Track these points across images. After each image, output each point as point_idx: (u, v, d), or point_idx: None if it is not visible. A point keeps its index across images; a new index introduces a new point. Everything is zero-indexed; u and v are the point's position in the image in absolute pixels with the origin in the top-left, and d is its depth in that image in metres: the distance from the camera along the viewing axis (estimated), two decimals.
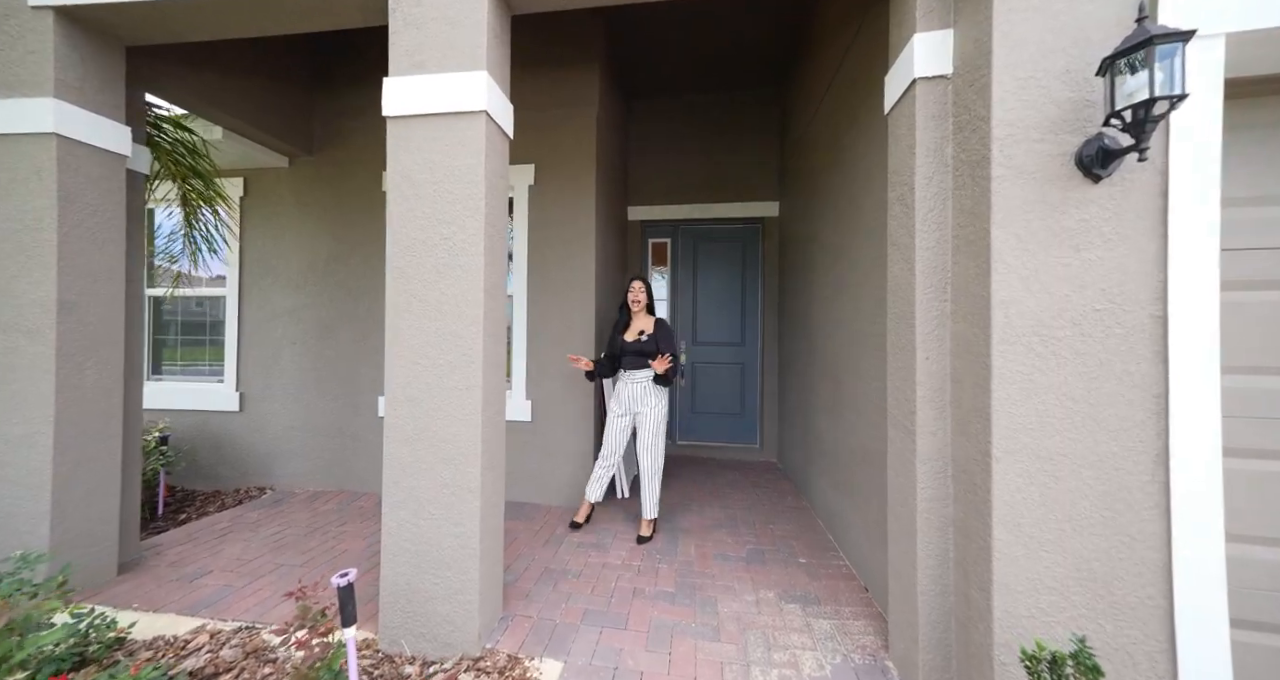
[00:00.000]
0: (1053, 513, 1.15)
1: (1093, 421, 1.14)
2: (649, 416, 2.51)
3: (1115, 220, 1.14)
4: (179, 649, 1.65)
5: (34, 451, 1.83)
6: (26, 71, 1.86)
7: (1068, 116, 1.16)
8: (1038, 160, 1.17)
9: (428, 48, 1.62)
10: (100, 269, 1.98)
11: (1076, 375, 1.15)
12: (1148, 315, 1.13)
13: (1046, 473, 1.16)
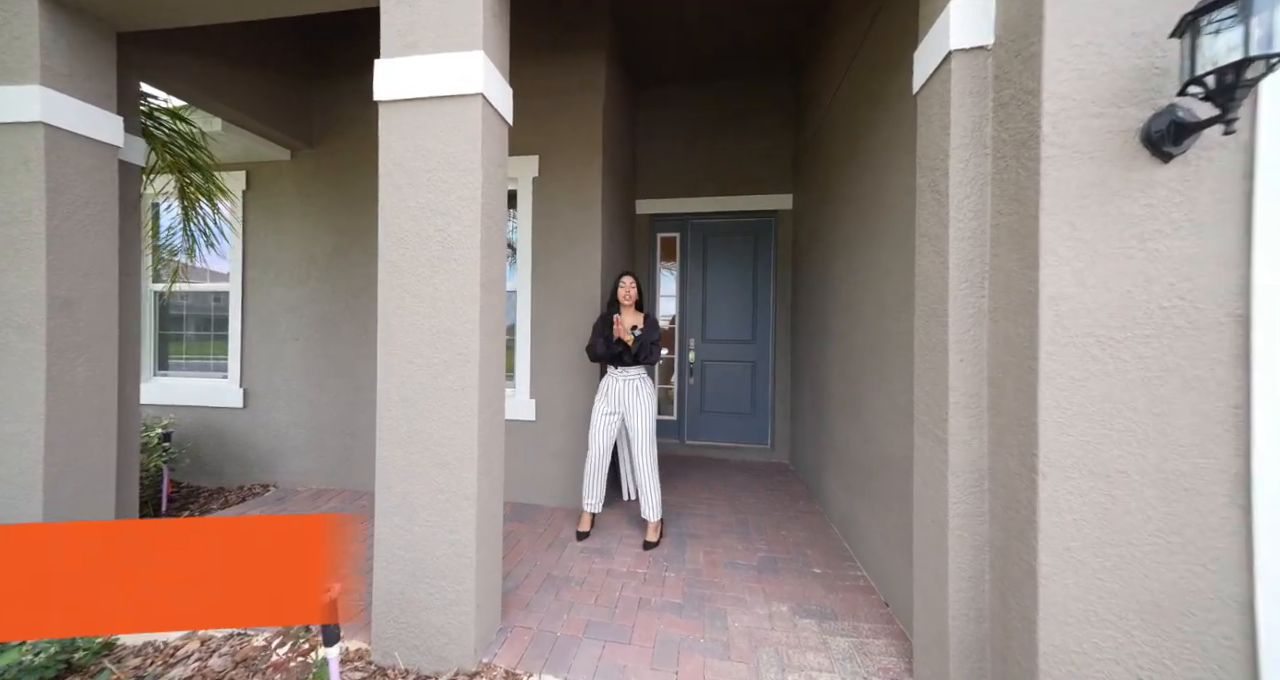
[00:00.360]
0: (1110, 537, 1.02)
1: (1159, 435, 1.00)
2: (641, 415, 2.42)
3: (1188, 205, 1.00)
4: (168, 656, 1.59)
5: (25, 450, 1.79)
6: (12, 58, 1.80)
7: (1133, 86, 1.02)
8: (1096, 138, 1.03)
9: (421, 26, 1.52)
10: (92, 263, 1.93)
11: (1139, 382, 1.01)
12: (1226, 314, 0.98)
13: (1102, 491, 1.03)
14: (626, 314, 2.45)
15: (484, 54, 1.49)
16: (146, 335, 3.49)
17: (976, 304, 1.26)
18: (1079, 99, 1.04)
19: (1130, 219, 1.02)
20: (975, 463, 1.25)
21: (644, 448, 2.42)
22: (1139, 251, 1.02)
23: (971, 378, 1.26)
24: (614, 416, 2.46)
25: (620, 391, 2.42)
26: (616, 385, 2.43)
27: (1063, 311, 1.05)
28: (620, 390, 2.43)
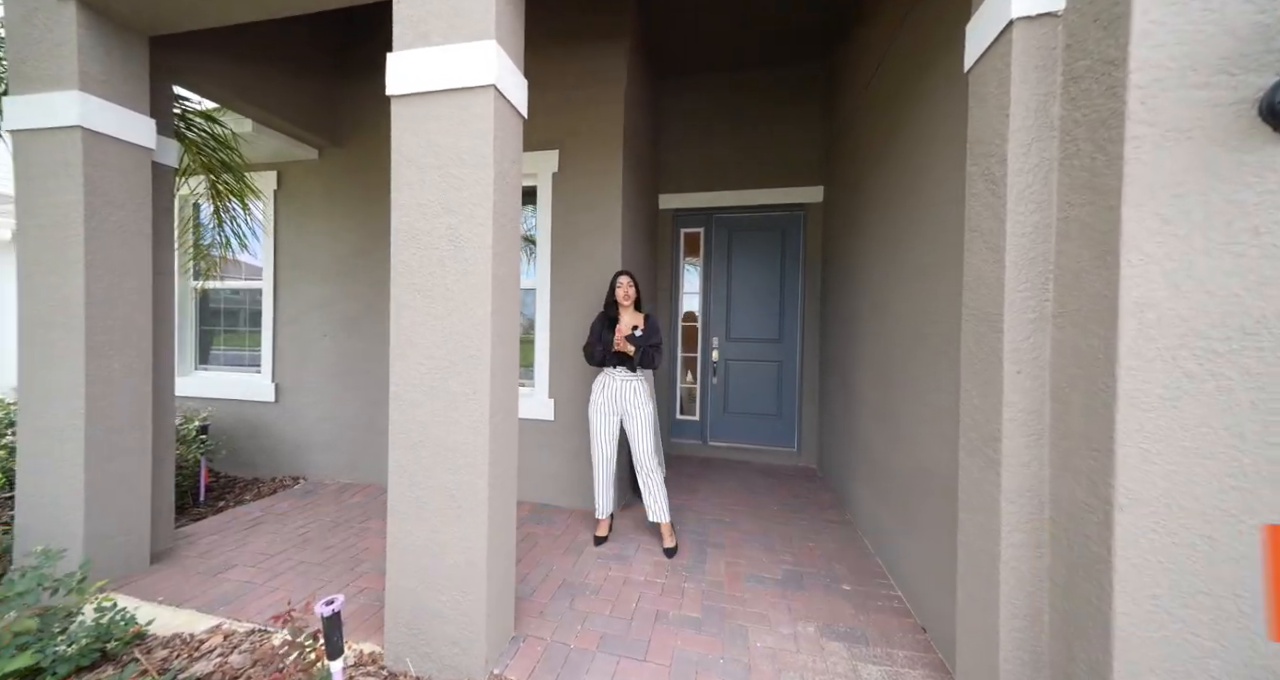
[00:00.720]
0: (1209, 587, 0.87)
1: (1274, 467, 0.84)
2: (639, 417, 2.35)
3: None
4: (193, 649, 1.63)
5: (67, 444, 1.87)
6: (54, 65, 1.85)
7: (1250, 49, 0.85)
8: (1197, 113, 0.87)
9: (432, 16, 1.46)
10: (127, 263, 1.99)
11: (1248, 405, 0.85)
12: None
13: (1198, 533, 0.87)
14: (625, 314, 2.38)
15: (496, 43, 1.43)
16: (189, 331, 3.64)
17: (1038, 308, 1.11)
18: (1176, 67, 0.88)
19: (1242, 208, 0.86)
20: (1034, 488, 1.11)
21: (646, 450, 2.35)
22: (1253, 247, 0.85)
23: (1031, 392, 1.11)
24: (614, 417, 2.39)
25: (617, 390, 2.36)
26: (614, 384, 2.37)
27: (1149, 320, 0.89)
28: (617, 389, 2.36)
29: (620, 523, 2.69)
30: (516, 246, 1.63)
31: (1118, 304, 0.91)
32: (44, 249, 1.87)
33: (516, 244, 1.63)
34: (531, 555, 2.29)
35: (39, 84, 1.87)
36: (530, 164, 2.89)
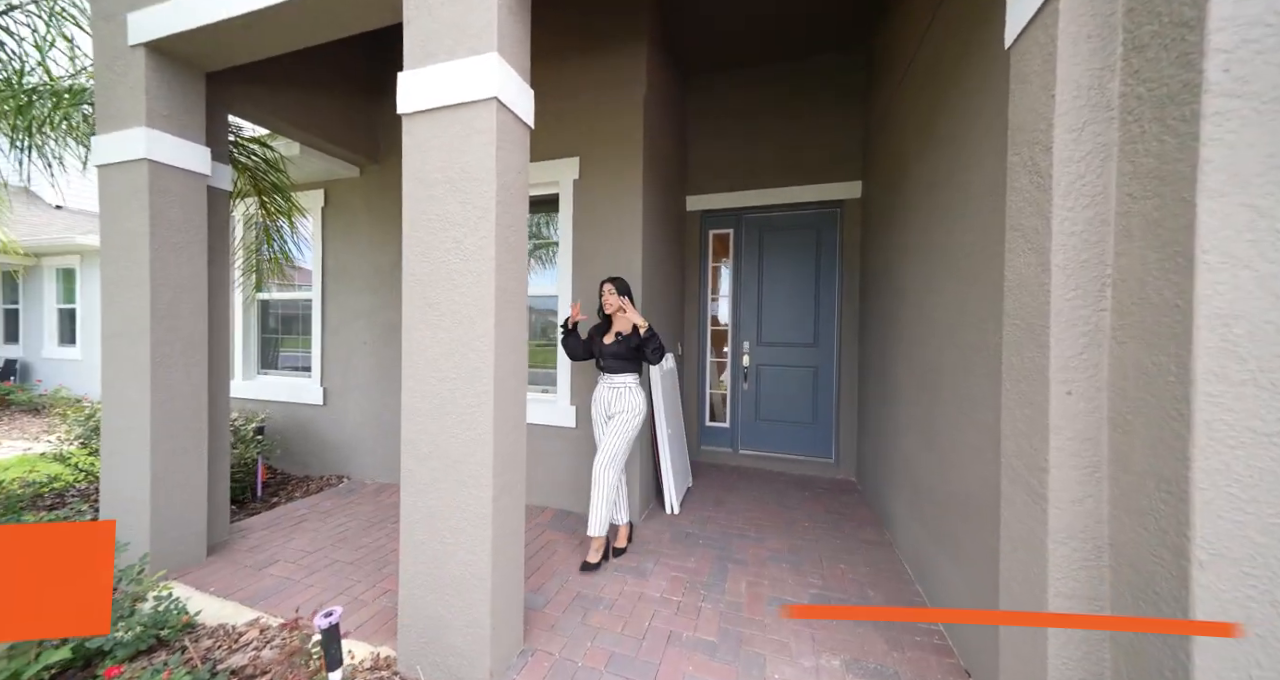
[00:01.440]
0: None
1: None
2: (621, 421, 2.27)
3: None
4: (233, 641, 1.74)
5: (135, 443, 2.07)
6: (127, 106, 2.06)
7: None
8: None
9: (438, 35, 1.48)
10: (186, 280, 2.17)
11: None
12: None
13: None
14: (616, 321, 2.35)
15: (498, 55, 1.42)
16: (251, 338, 3.97)
17: (1093, 319, 0.95)
18: (1275, 20, 0.71)
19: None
20: (1090, 529, 0.95)
21: (611, 453, 2.25)
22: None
23: (1084, 417, 0.95)
24: (606, 424, 2.34)
25: (604, 398, 2.34)
26: (602, 392, 2.35)
27: (1236, 334, 0.73)
28: (604, 397, 2.34)
29: (639, 533, 2.64)
30: (523, 258, 1.63)
31: (1193, 315, 0.75)
32: (119, 269, 2.08)
33: (522, 255, 1.63)
34: (550, 564, 2.29)
35: (117, 123, 2.09)
36: (552, 172, 2.91)
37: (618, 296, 2.29)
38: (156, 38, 1.98)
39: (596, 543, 2.27)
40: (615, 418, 2.29)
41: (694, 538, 2.60)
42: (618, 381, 2.31)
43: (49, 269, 7.37)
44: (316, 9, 1.79)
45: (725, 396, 4.19)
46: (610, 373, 2.32)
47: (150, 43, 2.02)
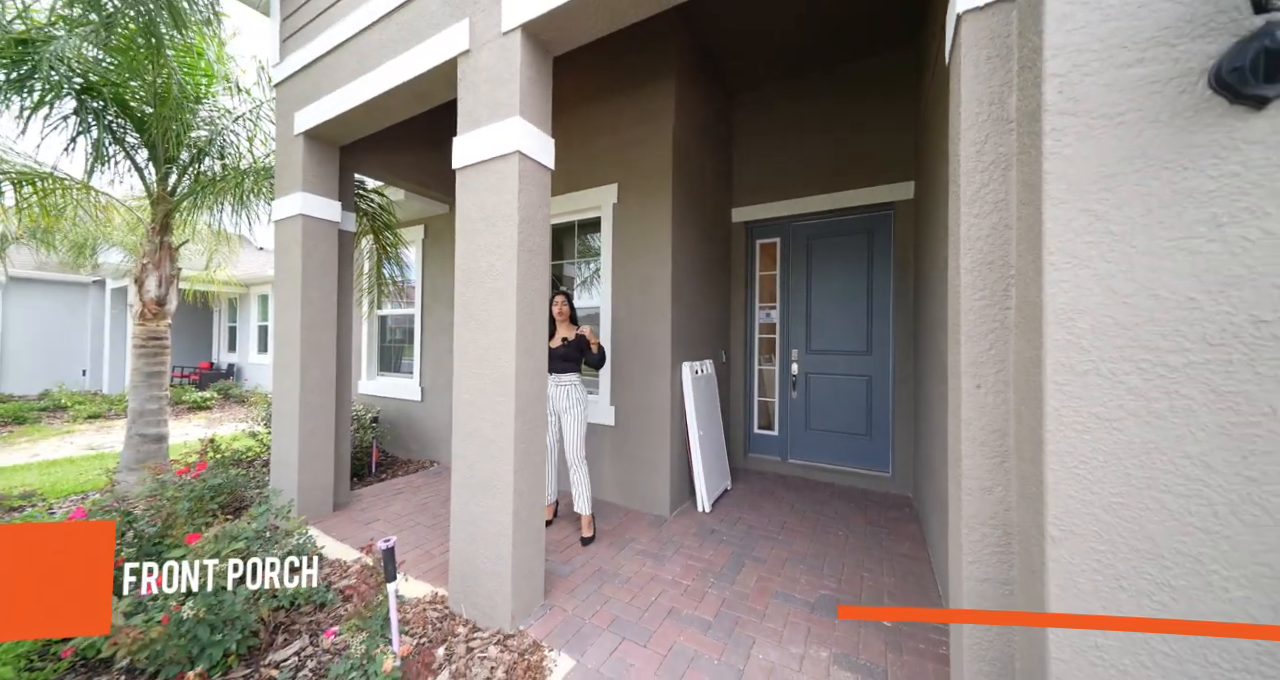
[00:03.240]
0: (1173, 649, 0.73)
1: (1256, 510, 0.68)
2: (571, 419, 2.64)
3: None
4: (343, 570, 2.31)
5: (289, 424, 2.82)
6: (290, 177, 2.88)
7: (1195, 14, 0.73)
8: (1130, 94, 0.77)
9: (479, 107, 1.93)
10: (323, 302, 2.92)
11: (1214, 429, 0.71)
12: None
13: (1153, 581, 0.74)
14: (562, 328, 2.70)
15: (520, 118, 1.82)
16: (373, 346, 4.94)
17: (999, 317, 1.01)
18: (1101, 48, 0.79)
19: (1195, 197, 0.73)
20: (999, 516, 1.00)
21: (575, 446, 2.64)
22: (1211, 242, 0.71)
23: (992, 410, 1.01)
24: (552, 418, 2.69)
25: (554, 396, 2.66)
26: (554, 391, 2.67)
27: (1081, 329, 0.80)
28: (554, 395, 2.66)
29: (668, 526, 2.83)
30: (544, 277, 1.99)
31: (1043, 312, 0.83)
32: (283, 294, 2.88)
33: (544, 275, 1.99)
34: (579, 544, 2.59)
35: (285, 189, 2.91)
36: (595, 198, 3.30)
37: (568, 304, 2.73)
38: (310, 127, 2.75)
39: (586, 520, 2.65)
40: (570, 411, 2.65)
41: (719, 534, 2.73)
42: (565, 380, 2.67)
43: (254, 295, 9.72)
44: (408, 94, 2.38)
45: (772, 405, 4.20)
46: (557, 373, 2.67)
47: (306, 131, 2.80)
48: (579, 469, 2.67)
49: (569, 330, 2.75)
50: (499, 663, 1.64)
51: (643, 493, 3.07)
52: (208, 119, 3.50)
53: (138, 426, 3.38)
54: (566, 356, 2.69)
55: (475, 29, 1.95)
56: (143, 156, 3.34)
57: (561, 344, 2.71)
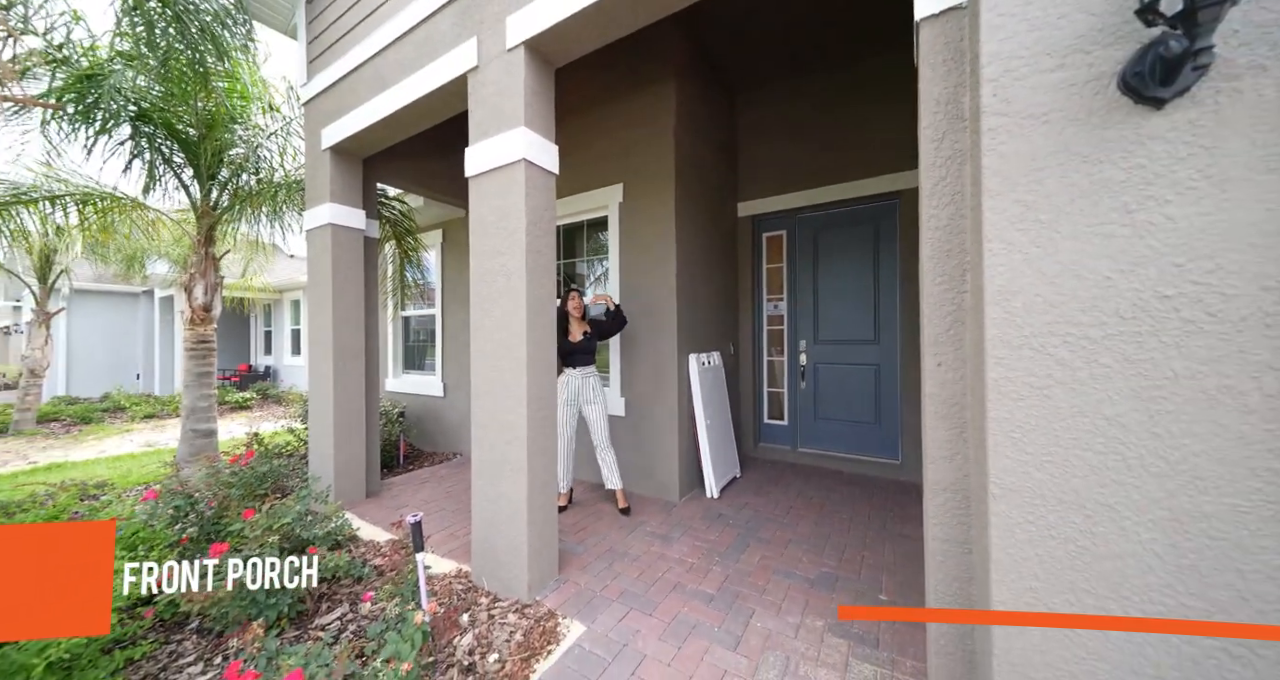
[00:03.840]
0: (1091, 585, 0.82)
1: (1161, 461, 0.77)
2: (600, 405, 2.88)
3: (1204, 157, 0.75)
4: (376, 550, 2.52)
5: (324, 417, 3.06)
6: (319, 190, 3.10)
7: (1107, 23, 0.81)
8: (1054, 95, 0.85)
9: (488, 119, 2.08)
10: (351, 304, 3.15)
11: (1128, 393, 0.80)
12: (1277, 300, 0.70)
13: (1077, 527, 0.83)
14: (576, 324, 2.87)
15: (525, 128, 1.96)
16: (397, 345, 5.21)
17: (956, 301, 1.10)
18: (1028, 55, 0.88)
19: (1109, 187, 0.81)
20: (959, 482, 1.09)
21: (603, 432, 2.88)
22: (1123, 227, 0.80)
23: (951, 384, 1.10)
24: (571, 407, 2.86)
25: (577, 387, 2.84)
26: (575, 382, 2.84)
27: (1015, 307, 0.89)
28: (577, 386, 2.84)
29: (678, 511, 2.96)
30: (550, 274, 2.13)
31: (984, 293, 0.92)
32: (315, 298, 3.12)
33: (550, 272, 2.13)
34: (595, 527, 2.75)
35: (315, 201, 3.15)
36: (602, 198, 3.44)
37: (581, 299, 2.91)
38: (334, 143, 2.97)
39: (621, 494, 2.91)
40: (595, 401, 2.86)
41: (725, 518, 2.85)
42: (588, 371, 2.88)
43: (287, 300, 10.24)
44: (423, 108, 2.55)
45: (782, 395, 4.27)
46: (581, 365, 2.86)
47: (332, 147, 3.02)
48: (609, 452, 2.90)
49: (584, 325, 2.92)
50: (517, 627, 1.81)
51: (652, 479, 3.20)
52: (244, 137, 3.77)
53: (190, 422, 3.70)
54: (587, 349, 2.89)
55: (483, 47, 2.11)
56: (188, 174, 3.63)
57: (583, 337, 2.89)
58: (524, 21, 1.94)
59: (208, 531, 2.25)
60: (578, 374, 2.90)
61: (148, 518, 2.14)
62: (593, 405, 2.88)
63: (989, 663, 0.90)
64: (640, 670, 1.58)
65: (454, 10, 2.23)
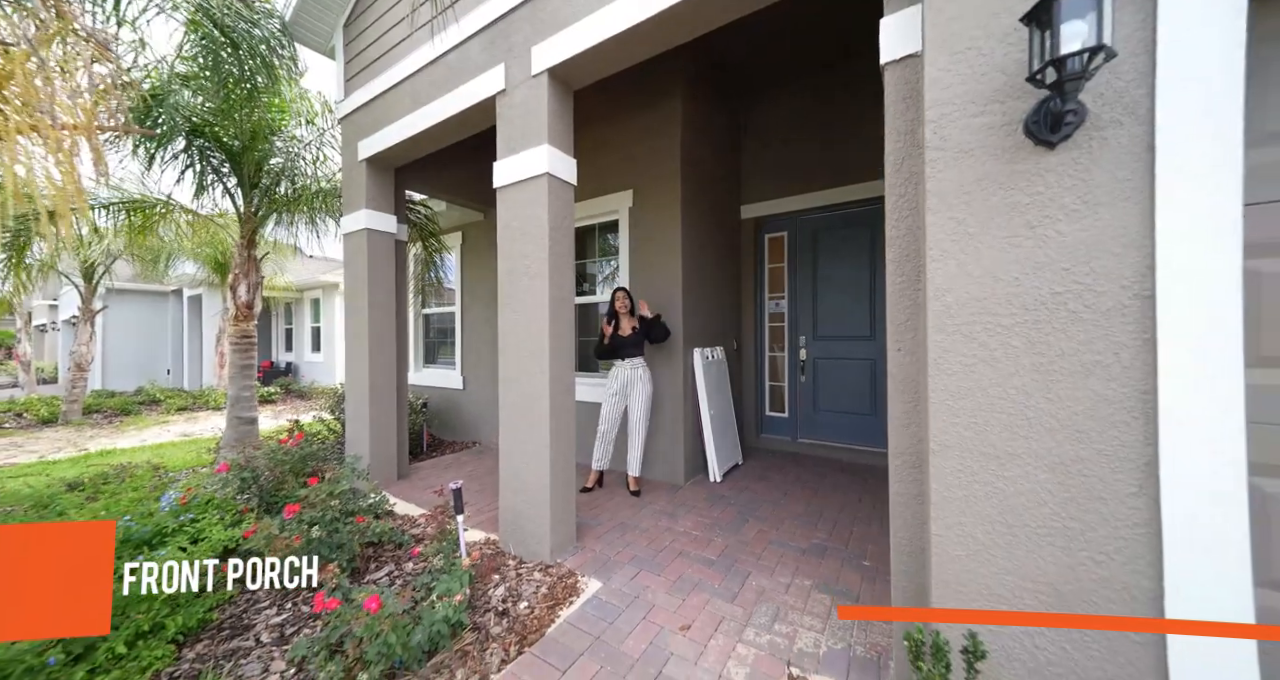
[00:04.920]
0: (1003, 515, 1.06)
1: (1051, 419, 1.01)
2: (639, 399, 3.09)
3: (1082, 187, 0.98)
4: (412, 522, 2.81)
5: (360, 406, 3.35)
6: (356, 197, 3.39)
7: (1013, 83, 1.05)
8: (978, 135, 1.09)
9: (515, 137, 2.34)
10: (384, 302, 3.43)
11: (1031, 368, 1.03)
12: (1131, 295, 0.94)
13: (993, 472, 1.07)
14: (625, 319, 3.06)
15: (548, 145, 2.22)
16: (419, 341, 5.51)
17: (914, 296, 1.34)
18: (960, 100, 1.11)
19: (1017, 208, 1.05)
20: (913, 448, 1.33)
21: (642, 421, 3.11)
22: (1028, 239, 1.04)
23: (908, 366, 1.34)
24: (620, 398, 3.10)
25: (627, 379, 3.07)
26: (624, 373, 3.07)
27: (949, 302, 1.13)
28: (627, 378, 3.07)
29: (682, 494, 3.21)
30: (569, 274, 2.39)
31: (927, 291, 1.16)
32: (353, 297, 3.41)
33: (569, 272, 2.39)
34: (605, 503, 3.01)
35: (351, 207, 3.43)
36: (613, 202, 3.69)
37: (628, 297, 3.12)
38: (370, 155, 3.25)
39: (634, 479, 3.13)
40: (642, 391, 3.08)
41: (726, 499, 3.09)
42: (637, 363, 3.09)
43: (307, 299, 10.63)
44: (454, 124, 2.82)
45: (783, 389, 4.50)
46: (630, 357, 3.06)
47: (368, 158, 3.30)
48: (640, 439, 3.13)
49: (633, 321, 3.14)
50: (542, 583, 2.07)
51: (660, 464, 3.46)
52: (282, 148, 4.07)
53: (234, 411, 4.01)
54: (637, 342, 3.12)
55: (510, 72, 2.37)
56: (232, 183, 3.94)
57: (632, 331, 3.11)
58: (548, 51, 2.19)
59: (266, 501, 2.55)
60: (627, 366, 3.12)
61: (222, 486, 2.43)
62: (638, 395, 3.09)
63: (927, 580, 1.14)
64: (650, 616, 1.83)
65: (484, 38, 2.50)
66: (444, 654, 1.59)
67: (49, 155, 1.54)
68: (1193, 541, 0.87)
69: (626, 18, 1.91)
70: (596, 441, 3.23)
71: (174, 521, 2.10)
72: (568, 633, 1.74)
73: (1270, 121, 0.94)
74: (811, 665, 1.55)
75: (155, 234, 4.46)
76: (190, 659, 1.65)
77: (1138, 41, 0.92)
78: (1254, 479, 0.86)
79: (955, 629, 1.09)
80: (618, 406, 3.15)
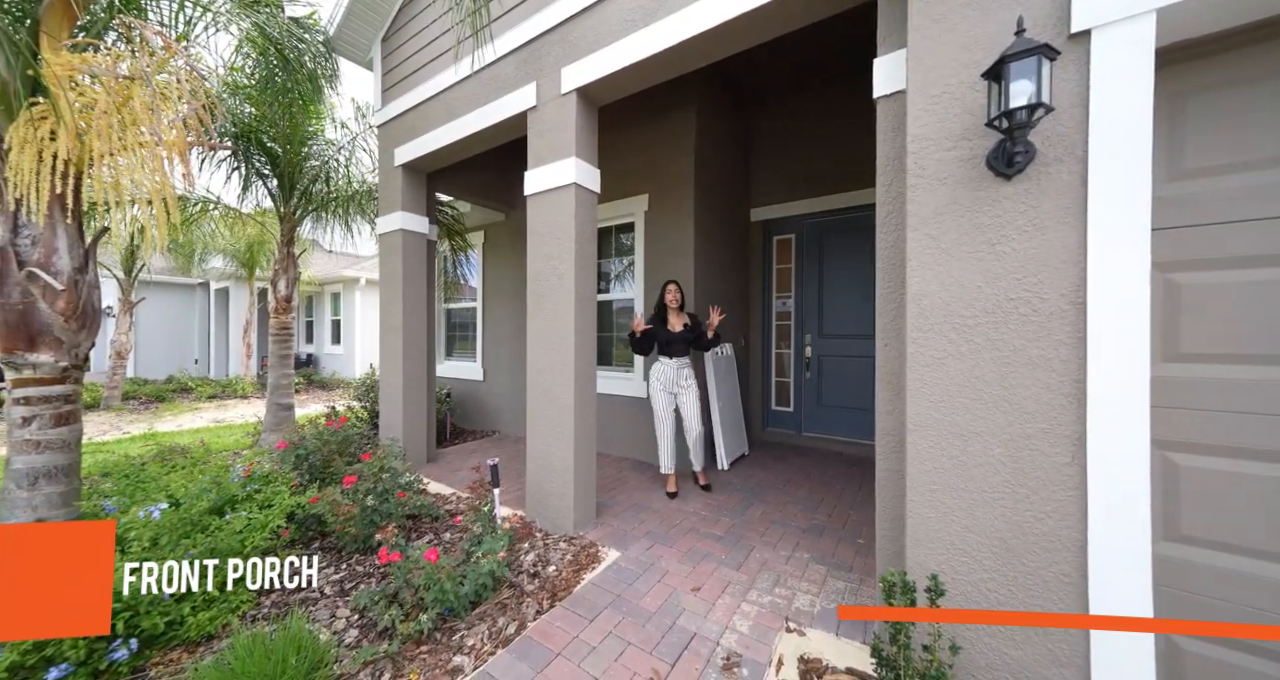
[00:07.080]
0: (964, 483, 1.28)
1: (1006, 403, 1.22)
2: (689, 396, 3.03)
3: (1032, 212, 1.19)
4: (443, 500, 3.07)
5: (394, 395, 3.62)
6: (391, 200, 3.65)
7: (978, 124, 1.26)
8: (949, 166, 1.30)
9: (545, 149, 2.58)
10: (416, 297, 3.69)
11: (990, 361, 1.25)
12: (1068, 302, 1.15)
13: (958, 448, 1.29)
14: (675, 315, 3.06)
15: (575, 157, 2.45)
16: (441, 334, 5.79)
17: (897, 300, 1.55)
18: (935, 137, 1.32)
19: (981, 228, 1.26)
20: (896, 430, 1.55)
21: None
22: (989, 254, 1.25)
23: (892, 359, 1.56)
24: (668, 394, 3.06)
25: (672, 376, 3.03)
26: (670, 370, 3.04)
27: (925, 306, 1.34)
28: (672, 376, 3.03)
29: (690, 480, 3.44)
30: (592, 275, 2.62)
31: (906, 297, 1.38)
32: (388, 292, 3.67)
33: (592, 273, 2.62)
34: (623, 489, 3.25)
35: (387, 209, 3.70)
36: (630, 205, 3.92)
37: (679, 292, 3.06)
38: (406, 161, 3.50)
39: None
40: (691, 389, 3.03)
41: (733, 485, 3.32)
42: (684, 361, 3.08)
43: (327, 293, 11.00)
44: (486, 135, 3.06)
45: (789, 384, 4.70)
46: (676, 355, 3.06)
47: (404, 164, 3.56)
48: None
49: (683, 317, 3.06)
50: (567, 551, 2.32)
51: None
52: (318, 152, 4.35)
53: (274, 397, 4.31)
54: (686, 339, 2.99)
55: (541, 90, 2.60)
56: (273, 184, 4.23)
57: (683, 328, 3.01)
58: (577, 72, 2.42)
59: (316, 477, 2.82)
60: (673, 364, 3.01)
61: (280, 462, 2.71)
62: (686, 393, 3.00)
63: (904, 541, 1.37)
64: (664, 579, 2.07)
65: (517, 58, 2.73)
66: (486, 605, 1.84)
67: (155, 170, 1.81)
68: (1110, 502, 1.08)
69: (649, 46, 2.13)
70: (661, 444, 3.07)
71: (242, 491, 2.38)
72: (592, 591, 1.98)
73: (1188, 160, 1.14)
74: (807, 621, 1.78)
75: (197, 229, 4.77)
76: (267, 605, 1.92)
77: (1075, 96, 1.12)
78: (1156, 451, 1.07)
79: (922, 571, 1.31)
80: (669, 402, 3.06)
